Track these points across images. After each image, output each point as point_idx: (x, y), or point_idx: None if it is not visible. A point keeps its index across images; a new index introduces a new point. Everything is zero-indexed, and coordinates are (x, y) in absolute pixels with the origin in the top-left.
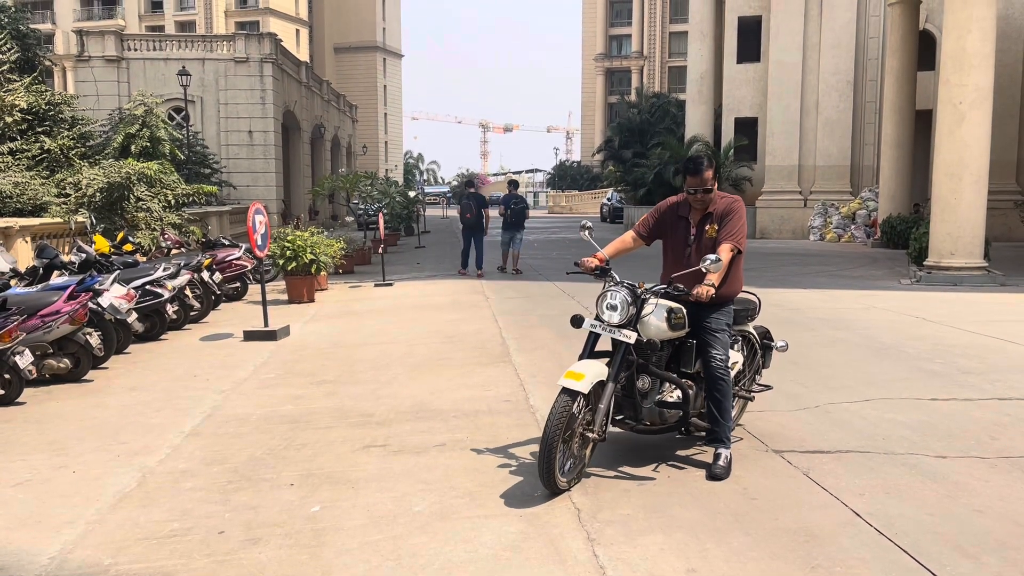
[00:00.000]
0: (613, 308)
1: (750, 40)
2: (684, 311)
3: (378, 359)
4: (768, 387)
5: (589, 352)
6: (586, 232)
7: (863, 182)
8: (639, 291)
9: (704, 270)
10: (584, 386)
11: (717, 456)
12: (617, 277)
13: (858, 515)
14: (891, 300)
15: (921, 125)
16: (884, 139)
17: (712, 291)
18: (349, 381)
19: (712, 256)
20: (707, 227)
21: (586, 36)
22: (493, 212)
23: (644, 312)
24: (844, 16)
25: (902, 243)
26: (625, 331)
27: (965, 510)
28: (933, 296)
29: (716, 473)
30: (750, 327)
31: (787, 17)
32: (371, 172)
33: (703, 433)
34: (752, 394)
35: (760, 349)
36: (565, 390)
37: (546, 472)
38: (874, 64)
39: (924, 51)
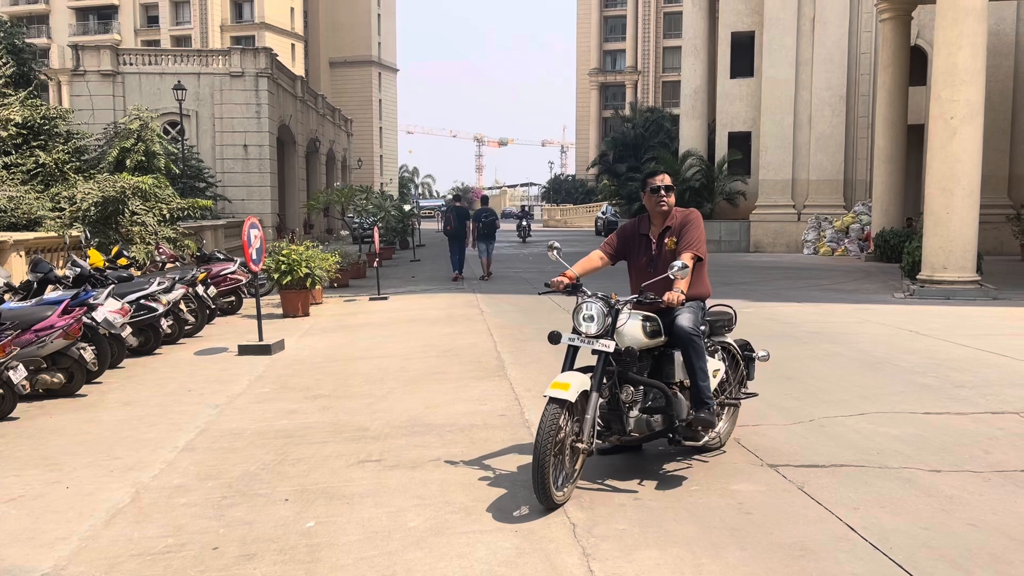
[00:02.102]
0: (590, 319)
1: (743, 55)
2: (659, 319)
3: (373, 373)
4: (754, 394)
5: (570, 366)
6: (555, 252)
7: (856, 196)
8: (613, 302)
9: (672, 276)
10: (571, 395)
11: (698, 418)
12: (588, 291)
13: (852, 529)
14: (885, 314)
15: (913, 139)
16: (877, 153)
17: (682, 297)
18: (344, 395)
19: (679, 263)
20: (666, 240)
21: (580, 51)
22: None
23: (619, 322)
24: (836, 32)
25: (895, 257)
26: (603, 340)
27: (959, 524)
28: (926, 310)
29: (696, 426)
30: (729, 338)
31: (780, 33)
32: (366, 186)
33: (691, 443)
34: (739, 400)
35: (742, 360)
36: (553, 400)
37: (540, 486)
38: (866, 79)
39: (916, 66)
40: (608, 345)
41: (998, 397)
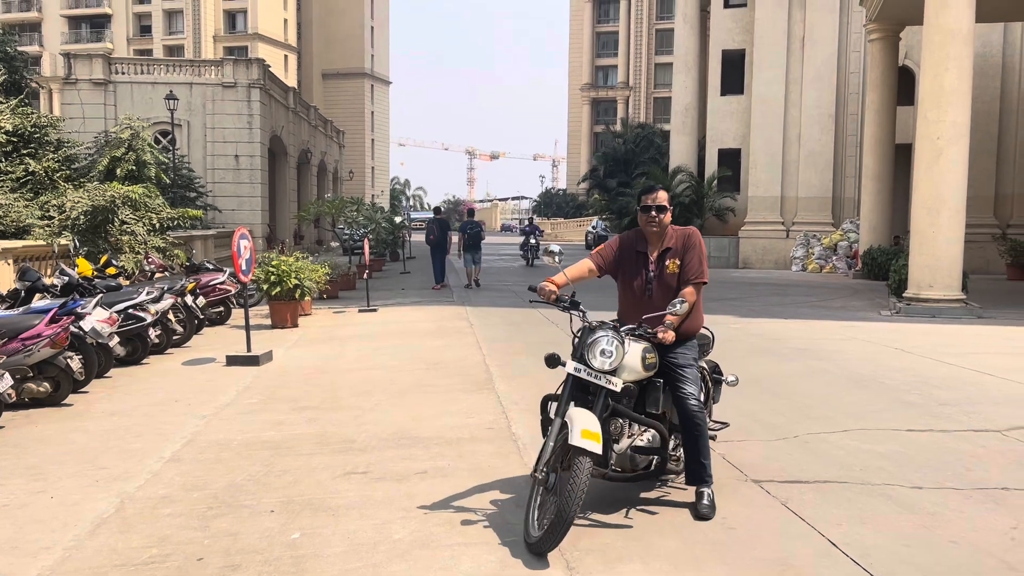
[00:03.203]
0: (607, 355)
1: (734, 73)
2: (655, 352)
3: (361, 385)
4: (725, 424)
5: (570, 397)
6: (556, 258)
7: (844, 214)
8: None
9: (670, 313)
10: (602, 446)
11: (700, 495)
12: (586, 313)
13: (835, 545)
14: (871, 331)
15: (901, 159)
16: (865, 172)
17: (673, 336)
18: (331, 407)
19: (679, 300)
20: (667, 263)
21: (573, 66)
22: (455, 237)
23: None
24: (825, 51)
25: (882, 274)
26: (613, 378)
27: (939, 540)
28: (912, 328)
29: (703, 513)
30: (702, 362)
31: (770, 51)
32: (357, 198)
33: (672, 476)
34: (712, 432)
35: (711, 384)
36: (585, 452)
37: (555, 542)
38: (855, 98)
39: (904, 86)
40: (616, 384)
41: (980, 415)
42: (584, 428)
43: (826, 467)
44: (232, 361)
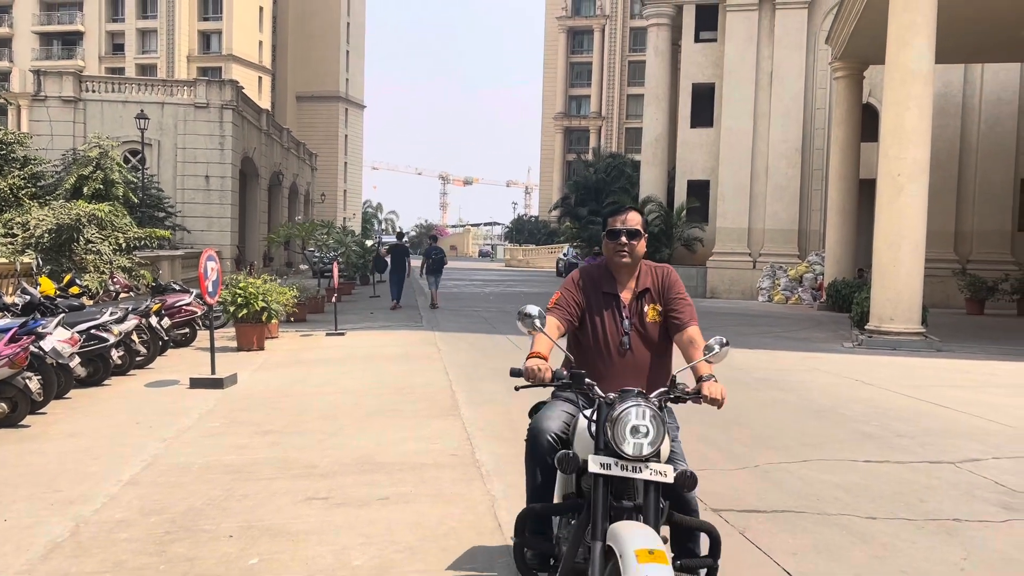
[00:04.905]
0: (642, 432)
1: (704, 106)
2: None
3: (325, 410)
4: None
5: (605, 509)
6: (537, 322)
7: (810, 246)
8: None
9: (708, 361)
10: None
11: None
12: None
13: (790, 574)
14: (833, 363)
15: (866, 193)
16: (830, 206)
17: (725, 389)
18: (295, 432)
19: (717, 340)
20: (646, 308)
21: (546, 95)
22: (417, 261)
23: None
24: (793, 87)
25: (846, 307)
26: (658, 465)
27: (891, 570)
28: (873, 360)
29: None
30: None
31: (739, 86)
32: (328, 221)
33: None
34: None
35: None
36: None
37: None
38: (821, 134)
39: (868, 123)
40: (666, 473)
41: (936, 447)
42: (638, 548)
43: (784, 497)
44: (196, 383)
